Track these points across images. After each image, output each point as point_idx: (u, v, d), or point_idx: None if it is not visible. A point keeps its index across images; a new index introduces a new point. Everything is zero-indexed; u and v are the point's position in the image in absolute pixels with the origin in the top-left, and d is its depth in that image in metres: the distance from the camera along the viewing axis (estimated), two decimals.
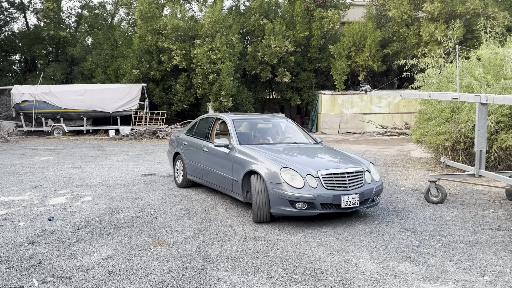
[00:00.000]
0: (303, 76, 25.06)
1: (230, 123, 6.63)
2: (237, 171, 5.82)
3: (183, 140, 7.80)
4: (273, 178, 5.17)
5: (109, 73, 23.93)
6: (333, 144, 16.70)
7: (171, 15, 23.20)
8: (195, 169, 7.23)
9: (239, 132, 6.53)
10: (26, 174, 9.45)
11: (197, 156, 7.18)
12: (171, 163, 8.44)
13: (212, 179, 6.70)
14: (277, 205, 5.12)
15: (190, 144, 7.54)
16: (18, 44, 27.58)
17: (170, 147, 8.54)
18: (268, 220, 5.34)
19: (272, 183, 5.15)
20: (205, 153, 6.87)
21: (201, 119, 7.92)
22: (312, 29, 24.33)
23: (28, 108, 21.55)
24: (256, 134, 6.96)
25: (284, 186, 5.05)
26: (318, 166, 5.38)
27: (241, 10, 26.78)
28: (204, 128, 7.46)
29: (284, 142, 6.91)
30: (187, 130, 8.02)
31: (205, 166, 6.85)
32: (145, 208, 6.24)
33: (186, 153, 7.59)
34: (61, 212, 5.96)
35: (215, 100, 22.07)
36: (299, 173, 5.13)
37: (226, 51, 21.49)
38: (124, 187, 7.92)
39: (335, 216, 5.61)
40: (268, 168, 5.30)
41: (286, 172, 5.15)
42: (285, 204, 5.05)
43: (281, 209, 5.11)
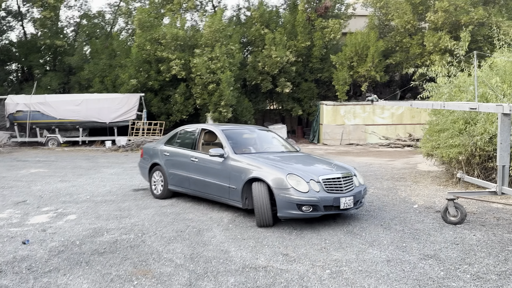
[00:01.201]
0: (304, 87, 24.58)
1: (221, 134, 6.85)
2: (236, 179, 6.05)
3: (163, 151, 7.74)
4: (280, 184, 5.47)
5: (106, 83, 23.45)
6: (336, 156, 16.13)
7: (170, 25, 22.81)
8: (180, 179, 7.25)
9: (231, 142, 6.66)
10: (11, 189, 8.85)
11: (182, 167, 7.21)
12: (145, 175, 8.26)
13: (202, 188, 6.78)
14: (284, 209, 5.42)
15: (172, 154, 7.53)
16: (14, 54, 27.16)
17: (142, 159, 8.41)
18: (271, 224, 5.61)
19: (279, 189, 5.45)
20: (193, 163, 6.97)
21: (182, 130, 7.92)
22: (314, 39, 23.93)
23: (23, 118, 21.03)
24: (246, 144, 7.13)
25: (291, 191, 5.38)
26: (317, 172, 5.81)
27: (242, 20, 26.45)
28: (188, 139, 7.53)
29: (271, 151, 7.15)
30: (165, 141, 7.95)
31: (193, 176, 6.93)
32: (133, 229, 5.62)
33: (167, 164, 7.56)
34: (39, 234, 5.34)
35: (214, 110, 21.54)
36: (303, 178, 5.51)
37: (226, 60, 21.03)
38: (113, 204, 7.31)
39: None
40: (273, 175, 5.60)
41: (292, 178, 5.50)
42: (292, 208, 5.38)
43: (289, 212, 5.42)
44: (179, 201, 7.45)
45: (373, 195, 8.09)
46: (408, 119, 23.42)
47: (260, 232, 5.41)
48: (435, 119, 9.41)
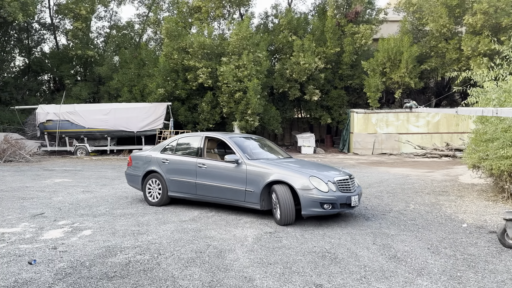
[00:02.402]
0: (334, 94, 23.83)
1: (231, 142, 7.25)
2: (253, 183, 6.51)
3: (161, 159, 7.85)
4: (304, 186, 6.09)
5: (134, 92, 23.53)
6: (369, 167, 15.30)
7: (197, 33, 22.68)
8: (183, 186, 7.45)
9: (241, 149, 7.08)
10: (32, 200, 8.61)
11: (187, 173, 7.41)
12: (136, 183, 8.22)
13: (212, 192, 7.08)
14: (308, 207, 6.05)
15: (174, 162, 7.69)
16: (47, 64, 27.79)
17: (132, 168, 8.37)
18: (292, 222, 6.19)
19: (304, 190, 6.07)
20: (201, 169, 7.23)
21: (182, 138, 8.08)
22: (344, 45, 23.21)
23: (52, 128, 21.27)
24: (253, 151, 7.42)
25: (314, 191, 6.04)
26: (331, 174, 6.50)
27: (269, 27, 26.06)
28: (191, 147, 7.77)
29: (273, 157, 7.58)
30: (161, 149, 8.06)
31: (201, 182, 7.18)
32: (149, 248, 5.13)
33: (167, 171, 7.68)
34: (49, 252, 4.93)
35: (241, 119, 21.12)
36: (323, 180, 6.18)
37: (253, 68, 20.62)
38: (132, 218, 6.88)
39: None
40: (297, 177, 6.21)
41: (314, 180, 6.15)
42: (316, 206, 6.03)
43: (312, 210, 6.05)
44: (200, 215, 6.94)
45: (414, 211, 7.32)
46: (445, 127, 22.22)
47: (289, 256, 4.79)
48: (482, 127, 8.54)
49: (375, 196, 8.95)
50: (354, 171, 13.76)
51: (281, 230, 5.96)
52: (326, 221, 6.56)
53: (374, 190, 9.78)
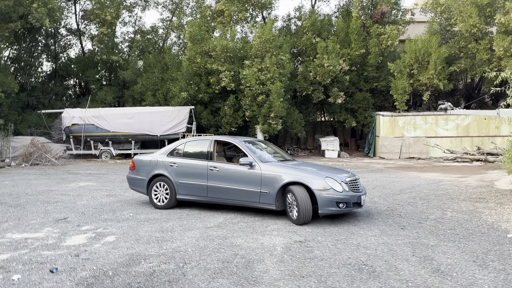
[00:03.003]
0: (359, 97, 23.30)
1: (243, 145, 7.50)
2: (269, 184, 6.74)
3: (169, 162, 7.89)
4: (321, 186, 6.39)
5: (158, 96, 23.62)
6: (398, 171, 14.76)
7: (220, 37, 22.61)
8: (193, 188, 7.56)
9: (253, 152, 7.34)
10: (56, 204, 8.56)
11: (197, 176, 7.53)
12: (141, 186, 8.20)
13: (224, 195, 7.24)
14: (325, 207, 6.34)
15: (183, 165, 7.76)
16: (73, 69, 28.26)
17: (135, 172, 8.35)
18: (309, 221, 6.44)
19: (321, 190, 6.36)
20: (212, 172, 7.37)
21: (189, 142, 8.19)
22: (369, 47, 22.69)
23: (78, 131, 21.53)
24: (262, 154, 7.63)
25: (331, 191, 6.36)
26: (341, 175, 6.83)
27: (292, 30, 25.76)
28: (200, 150, 7.84)
29: (280, 159, 7.86)
30: (167, 153, 8.09)
31: (213, 184, 7.33)
32: (174, 256, 4.90)
33: (176, 174, 7.75)
34: (71, 260, 4.77)
35: (264, 122, 20.86)
36: (337, 180, 6.51)
37: (276, 71, 20.35)
38: (155, 223, 6.69)
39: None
40: (314, 178, 6.52)
41: (329, 180, 6.46)
42: (332, 205, 6.33)
43: (329, 209, 6.37)
44: (225, 221, 6.69)
45: (452, 220, 6.87)
46: (475, 131, 21.36)
47: (322, 268, 4.47)
48: None
49: (408, 202, 8.51)
50: (383, 176, 13.28)
51: (311, 239, 5.64)
52: (359, 229, 6.20)
53: (406, 196, 9.32)
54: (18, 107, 24.34)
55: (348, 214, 7.27)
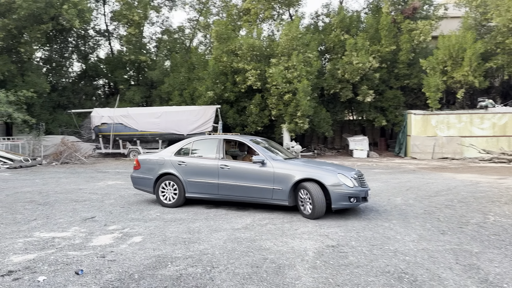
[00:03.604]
0: (389, 95, 22.63)
1: (253, 144, 7.78)
2: (282, 181, 6.99)
3: (177, 161, 7.97)
4: (334, 182, 6.68)
5: (185, 96, 23.71)
6: (432, 172, 14.17)
7: (247, 35, 22.44)
8: (203, 187, 7.67)
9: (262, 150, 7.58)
10: (84, 202, 8.57)
11: (208, 174, 7.64)
12: (148, 185, 8.22)
13: (236, 192, 7.40)
14: (338, 202, 6.64)
15: (192, 164, 7.85)
16: (102, 70, 28.78)
17: (140, 171, 8.35)
18: (323, 215, 6.72)
19: (334, 186, 6.65)
20: (223, 170, 7.51)
21: (197, 141, 8.26)
22: (400, 43, 22.00)
23: (107, 131, 21.84)
24: (270, 152, 7.77)
25: (343, 187, 6.65)
26: (350, 171, 7.12)
27: (320, 27, 25.31)
28: (209, 149, 7.95)
29: (285, 157, 7.97)
30: (175, 153, 8.15)
31: (224, 182, 7.47)
32: (201, 259, 4.71)
33: (185, 173, 7.83)
34: (97, 261, 4.65)
35: (290, 121, 20.55)
36: (347, 176, 6.81)
37: (303, 69, 20.00)
38: (183, 223, 6.54)
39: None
40: (327, 175, 6.80)
41: (341, 177, 6.77)
42: (345, 200, 6.63)
43: (342, 204, 6.66)
44: (253, 222, 6.47)
45: (496, 224, 6.40)
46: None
47: (359, 276, 4.18)
48: None
49: (445, 205, 8.04)
50: (416, 177, 12.75)
51: (345, 243, 5.33)
52: (395, 234, 5.85)
53: (443, 198, 8.84)
54: (50, 106, 24.96)
55: (382, 217, 6.92)
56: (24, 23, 21.31)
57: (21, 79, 22.58)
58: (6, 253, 4.92)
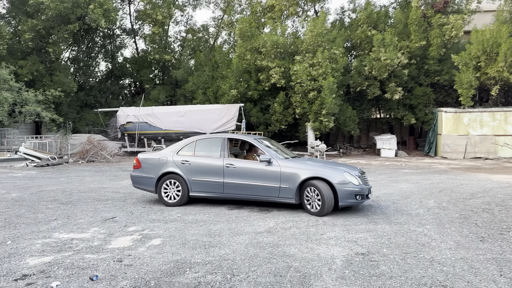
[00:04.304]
0: (419, 92, 21.84)
1: (258, 143, 7.89)
2: (289, 180, 7.10)
3: (181, 160, 7.92)
4: (341, 180, 6.85)
5: (208, 94, 23.63)
6: (465, 173, 13.49)
7: (271, 32, 22.11)
8: (208, 186, 7.68)
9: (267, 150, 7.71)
10: (106, 202, 8.49)
11: (213, 173, 7.65)
12: (149, 185, 8.14)
13: (242, 191, 7.46)
14: (345, 199, 6.83)
15: (196, 163, 7.84)
16: (128, 69, 29.09)
17: (141, 170, 8.26)
18: (330, 212, 6.90)
19: (341, 184, 6.82)
20: (229, 169, 7.55)
21: (200, 140, 8.24)
22: (430, 38, 21.18)
23: (132, 129, 22.00)
24: (275, 152, 7.89)
25: (350, 185, 6.82)
26: (354, 170, 7.30)
27: (345, 23, 24.70)
28: (213, 148, 7.95)
29: (287, 156, 8.02)
30: (177, 151, 8.09)
31: (230, 181, 7.51)
32: (221, 265, 4.46)
33: (189, 172, 7.82)
34: (113, 266, 4.47)
35: (315, 119, 20.11)
36: (353, 175, 6.99)
37: (328, 66, 19.52)
38: (203, 226, 6.32)
39: None
40: (334, 173, 6.98)
41: (347, 175, 6.94)
42: (351, 197, 6.82)
43: (348, 201, 6.86)
44: (276, 226, 6.18)
45: None
46: None
47: (391, 287, 3.82)
48: None
49: (482, 209, 7.51)
50: (448, 178, 12.13)
51: (375, 251, 4.96)
52: (429, 240, 5.43)
53: (479, 201, 8.28)
54: (77, 106, 25.40)
55: (415, 222, 6.50)
56: (52, 24, 21.71)
57: (49, 79, 23.04)
58: (23, 255, 4.81)
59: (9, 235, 5.76)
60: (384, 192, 9.53)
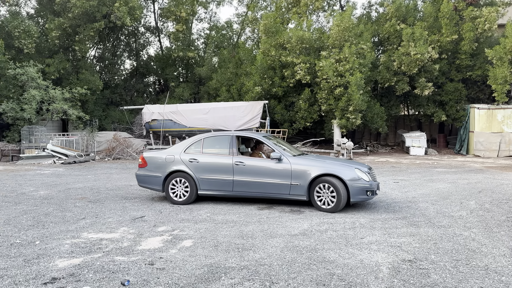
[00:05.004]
0: (450, 87, 21.03)
1: (267, 140, 7.90)
2: (300, 177, 7.17)
3: (189, 158, 7.88)
4: (352, 177, 6.92)
5: (232, 91, 23.42)
6: (502, 172, 12.84)
7: (296, 28, 21.70)
8: (218, 184, 7.65)
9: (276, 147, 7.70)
10: (134, 200, 8.37)
11: (222, 171, 7.63)
12: (156, 183, 8.03)
13: (252, 188, 7.46)
14: (356, 195, 6.91)
15: (205, 161, 7.80)
16: (152, 67, 29.20)
17: (147, 169, 8.13)
18: (343, 208, 6.99)
19: (352, 180, 6.90)
20: (238, 167, 7.55)
21: (207, 138, 8.16)
22: (462, 32, 20.34)
23: (157, 127, 22.02)
24: (284, 149, 7.90)
25: (361, 181, 6.92)
26: (363, 166, 7.39)
27: (373, 17, 24.04)
28: (221, 146, 7.94)
29: (294, 153, 7.97)
30: (184, 150, 8.03)
31: (240, 178, 7.51)
32: (258, 271, 4.19)
33: (198, 170, 7.77)
34: (145, 269, 4.27)
35: (341, 116, 19.63)
36: (363, 171, 7.06)
37: (355, 61, 18.99)
38: (234, 226, 6.08)
39: None
40: (345, 170, 7.03)
41: (358, 171, 7.01)
42: (362, 194, 6.92)
43: (359, 197, 6.95)
44: (310, 228, 5.87)
45: None
46: None
47: None
48: None
49: None
50: (486, 178, 11.53)
51: (423, 257, 4.60)
52: (479, 246, 5.01)
53: None
54: (103, 103, 25.64)
55: (459, 225, 6.08)
56: (78, 22, 21.92)
57: (76, 77, 23.31)
58: (52, 256, 4.67)
59: (38, 234, 5.66)
60: (421, 193, 9.08)
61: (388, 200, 8.17)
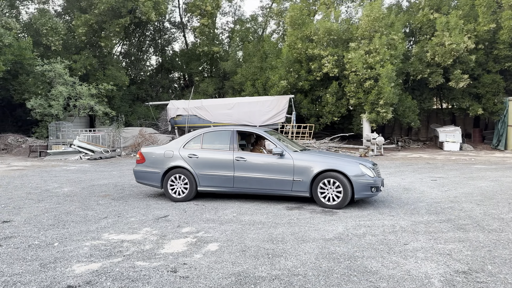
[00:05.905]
0: (487, 79, 19.89)
1: (268, 135, 7.65)
2: (303, 173, 6.99)
3: (188, 154, 7.66)
4: (357, 173, 6.81)
5: (257, 86, 22.98)
6: None
7: (323, 19, 21.01)
8: (218, 180, 7.47)
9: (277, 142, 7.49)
10: (158, 198, 8.08)
11: (222, 167, 7.45)
12: (154, 180, 7.83)
13: (254, 184, 7.29)
14: (361, 192, 6.79)
15: (205, 157, 7.59)
16: (177, 62, 29.10)
17: (147, 165, 7.93)
18: (347, 203, 6.84)
19: (356, 176, 6.78)
20: (239, 163, 7.37)
21: (207, 133, 7.91)
22: (500, 21, 19.13)
23: (182, 122, 21.87)
24: (286, 144, 7.71)
25: (366, 177, 6.82)
26: (367, 162, 7.32)
27: (404, 7, 23.04)
28: (221, 141, 7.74)
29: (296, 149, 7.80)
30: (183, 145, 7.81)
31: (241, 174, 7.33)
32: (292, 282, 3.75)
33: (197, 166, 7.58)
34: (167, 278, 3.90)
35: (371, 110, 18.86)
36: (367, 167, 7.00)
37: (386, 53, 18.17)
38: (262, 228, 5.66)
39: None
40: (349, 166, 6.92)
41: (362, 167, 6.93)
42: (367, 190, 6.82)
43: (364, 193, 6.84)
44: (346, 231, 5.38)
45: None
46: None
47: None
48: None
49: None
50: None
51: (479, 268, 4.05)
52: None
53: None
54: (129, 99, 25.72)
55: (511, 228, 5.45)
56: (104, 18, 21.95)
57: (102, 73, 23.42)
58: (70, 260, 4.38)
59: (57, 235, 5.41)
60: (462, 192, 8.41)
61: (428, 200, 7.57)
